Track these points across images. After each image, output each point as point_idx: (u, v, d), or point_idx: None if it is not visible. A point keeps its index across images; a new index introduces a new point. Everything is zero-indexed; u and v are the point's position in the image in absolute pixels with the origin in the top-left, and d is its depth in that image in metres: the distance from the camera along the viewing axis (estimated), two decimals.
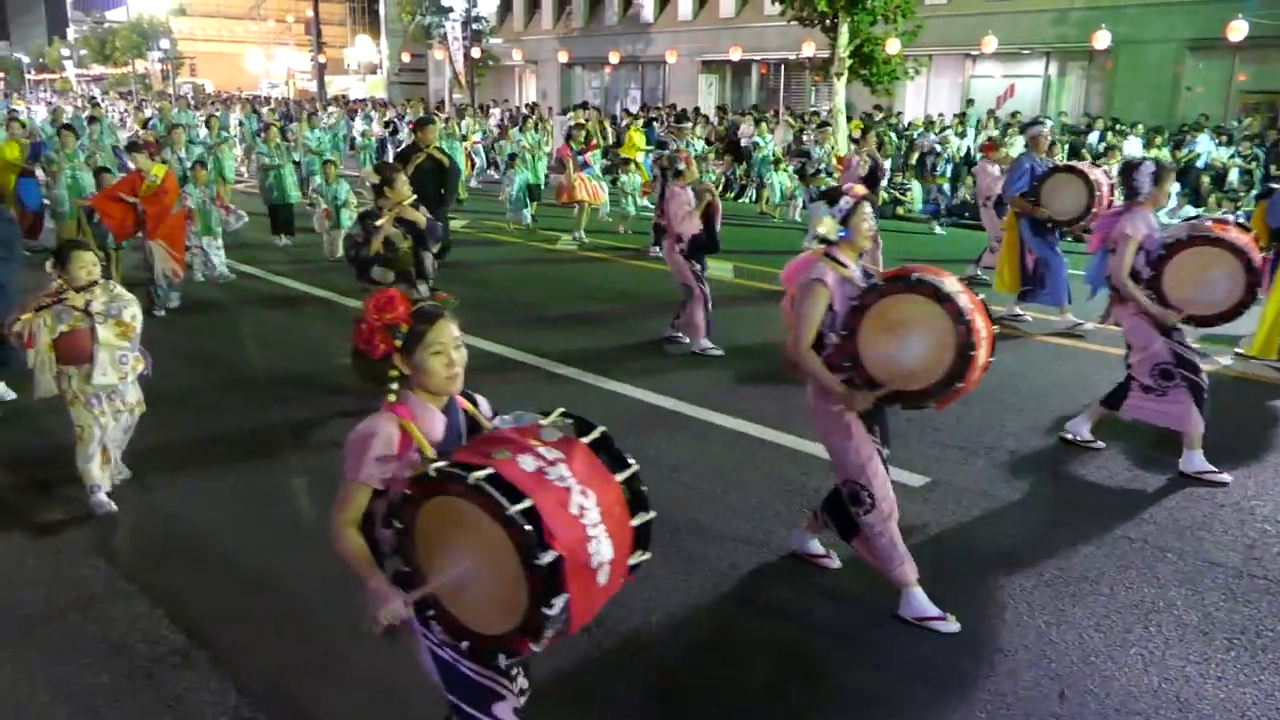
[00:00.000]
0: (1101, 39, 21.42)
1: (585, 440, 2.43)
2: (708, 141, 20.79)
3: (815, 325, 3.92)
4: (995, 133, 18.03)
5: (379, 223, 6.29)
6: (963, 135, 19.87)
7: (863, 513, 4.10)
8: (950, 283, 3.78)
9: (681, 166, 8.16)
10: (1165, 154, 16.62)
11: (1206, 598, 4.37)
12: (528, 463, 2.29)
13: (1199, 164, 17.02)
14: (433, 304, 2.61)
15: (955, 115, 22.11)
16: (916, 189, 17.41)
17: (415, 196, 6.56)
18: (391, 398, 2.57)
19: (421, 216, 6.42)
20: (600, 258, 13.16)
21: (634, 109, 31.22)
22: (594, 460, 2.39)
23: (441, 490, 2.31)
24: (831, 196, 4.05)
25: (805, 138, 18.96)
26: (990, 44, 23.35)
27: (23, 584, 4.41)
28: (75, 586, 4.39)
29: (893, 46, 20.19)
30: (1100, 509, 5.27)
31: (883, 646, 3.98)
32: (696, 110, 25.58)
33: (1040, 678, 3.78)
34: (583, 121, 17.50)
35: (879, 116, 22.40)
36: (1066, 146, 16.92)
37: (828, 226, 3.97)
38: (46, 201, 11.96)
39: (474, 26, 33.84)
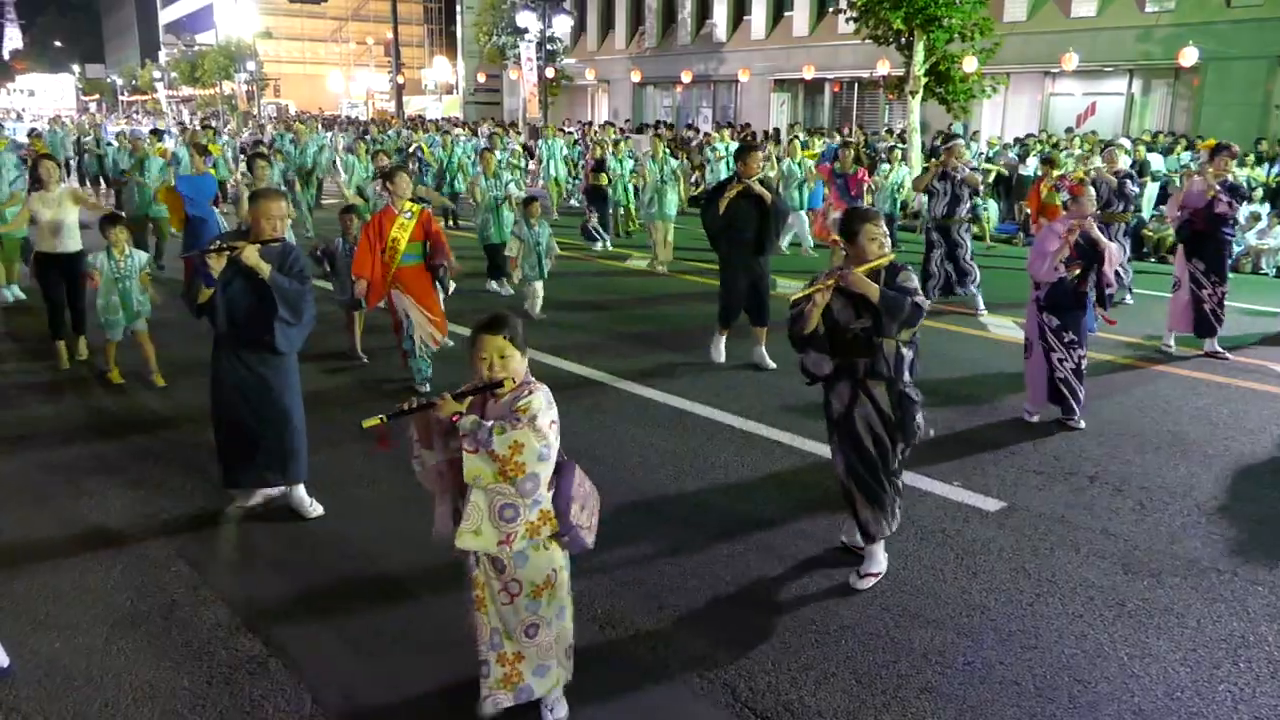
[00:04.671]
0: (1188, 56, 20.87)
1: None
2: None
3: None
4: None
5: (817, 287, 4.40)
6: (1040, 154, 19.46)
7: None
8: None
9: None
10: (1260, 174, 16.10)
11: None
12: None
13: None
14: None
15: (1014, 138, 21.69)
16: (994, 208, 17.14)
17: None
18: None
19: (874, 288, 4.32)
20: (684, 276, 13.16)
21: (704, 127, 31.27)
22: None
23: None
24: None
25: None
26: (1071, 61, 22.91)
27: (110, 590, 4.55)
28: (159, 592, 4.52)
29: (970, 64, 19.93)
30: (1187, 538, 5.10)
31: (954, 672, 3.90)
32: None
33: (1122, 713, 3.66)
34: (850, 140, 15.27)
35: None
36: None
37: None
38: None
39: (548, 47, 34.26)
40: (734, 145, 17.92)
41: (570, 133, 26.67)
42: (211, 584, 4.60)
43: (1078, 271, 6.49)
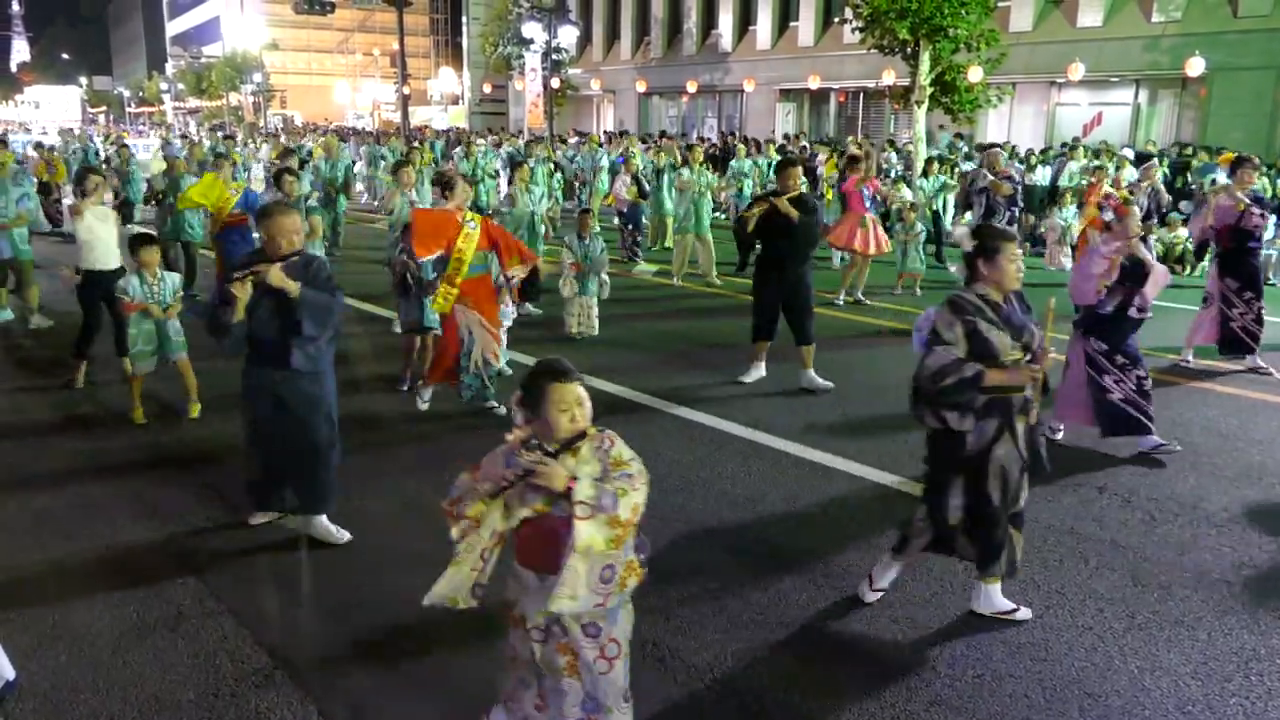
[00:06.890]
0: (1195, 66, 20.88)
1: None
2: None
3: None
4: None
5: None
6: (1046, 164, 19.46)
7: None
8: None
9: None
10: (1265, 183, 16.03)
11: None
12: None
13: None
14: None
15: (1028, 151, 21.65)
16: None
17: None
18: None
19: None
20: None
21: (710, 137, 31.32)
22: None
23: None
24: None
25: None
26: (1077, 71, 22.93)
27: (117, 601, 4.54)
28: (166, 604, 4.51)
29: (975, 74, 19.95)
30: (1197, 550, 5.08)
31: (964, 684, 3.88)
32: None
33: None
34: (858, 152, 14.76)
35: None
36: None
37: None
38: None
39: (554, 57, 34.39)
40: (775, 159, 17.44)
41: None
42: (218, 596, 4.59)
43: (1120, 299, 6.22)
